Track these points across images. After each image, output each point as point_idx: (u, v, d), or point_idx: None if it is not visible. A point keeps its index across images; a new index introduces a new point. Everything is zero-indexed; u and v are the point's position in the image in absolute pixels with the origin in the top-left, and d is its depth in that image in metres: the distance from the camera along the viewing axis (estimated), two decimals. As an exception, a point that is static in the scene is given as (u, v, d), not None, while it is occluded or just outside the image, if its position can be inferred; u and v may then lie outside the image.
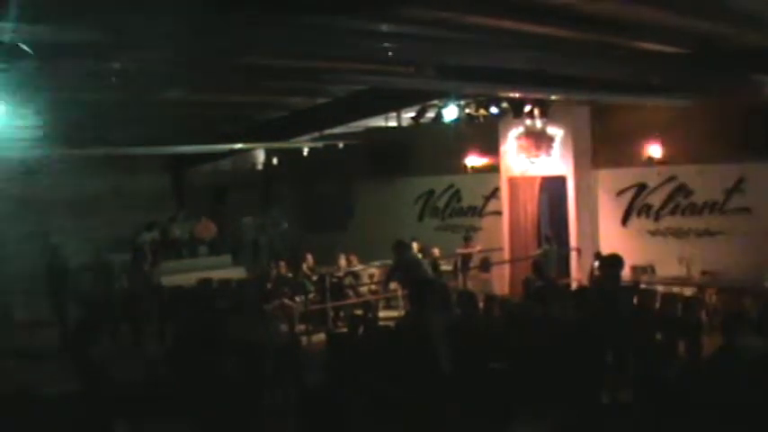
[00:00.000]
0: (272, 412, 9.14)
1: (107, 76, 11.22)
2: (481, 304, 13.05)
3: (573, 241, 18.16)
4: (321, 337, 14.78)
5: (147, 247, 21.01)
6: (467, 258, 19.39)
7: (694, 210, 16.68)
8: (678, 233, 16.92)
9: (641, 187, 17.44)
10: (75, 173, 20.93)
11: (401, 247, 15.47)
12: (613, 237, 17.47)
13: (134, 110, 16.36)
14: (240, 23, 7.94)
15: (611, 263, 11.15)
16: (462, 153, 20.72)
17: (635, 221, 17.58)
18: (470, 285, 17.86)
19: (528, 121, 17.74)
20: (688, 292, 15.31)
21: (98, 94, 13.89)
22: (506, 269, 19.08)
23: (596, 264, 15.43)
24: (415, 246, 17.49)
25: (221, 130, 20.41)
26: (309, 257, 19.10)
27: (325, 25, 8.54)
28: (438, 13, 8.65)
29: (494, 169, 19.77)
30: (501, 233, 19.57)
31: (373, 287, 18.68)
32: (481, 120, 17.06)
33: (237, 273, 20.88)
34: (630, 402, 8.38)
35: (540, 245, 18.43)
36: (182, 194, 24.89)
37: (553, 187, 19.03)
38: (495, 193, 20.17)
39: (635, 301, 13.39)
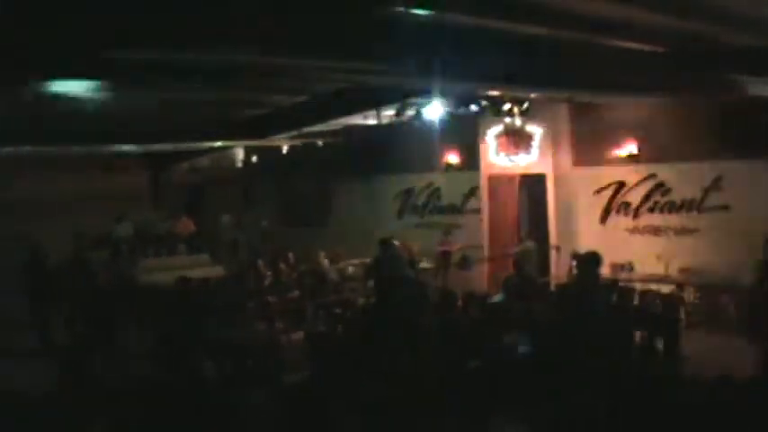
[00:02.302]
0: (250, 411, 9.12)
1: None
2: (460, 302, 13.09)
3: (552, 239, 18.22)
4: (300, 335, 14.75)
5: (124, 244, 20.97)
6: (446, 256, 19.39)
7: (672, 208, 16.71)
8: (656, 231, 16.96)
9: (620, 185, 17.48)
10: (51, 171, 20.86)
11: (383, 245, 15.54)
12: (592, 235, 17.51)
13: (113, 108, 16.30)
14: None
15: (589, 260, 11.18)
16: (442, 151, 20.75)
17: (614, 219, 17.63)
18: (450, 283, 17.86)
19: (507, 120, 17.72)
20: (666, 289, 15.37)
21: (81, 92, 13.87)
22: (486, 267, 19.10)
23: (574, 263, 15.49)
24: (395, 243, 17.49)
25: (200, 128, 20.35)
26: (289, 255, 19.07)
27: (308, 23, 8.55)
28: (419, 11, 8.65)
29: (473, 167, 19.79)
30: (480, 231, 19.61)
31: (353, 285, 18.67)
32: (461, 118, 17.06)
33: (216, 271, 20.85)
34: (607, 401, 8.39)
35: (519, 242, 18.46)
36: (160, 192, 24.85)
37: (532, 185, 19.08)
38: (474, 191, 20.20)
39: (614, 298, 13.44)
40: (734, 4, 9.49)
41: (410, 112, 16.87)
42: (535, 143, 18.15)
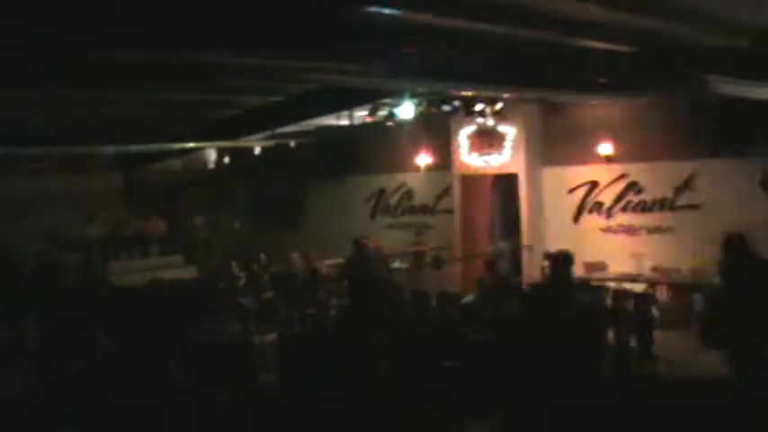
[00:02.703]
0: (222, 412, 9.10)
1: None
2: (434, 302, 13.10)
3: (525, 239, 18.23)
4: (273, 336, 14.71)
5: (96, 246, 20.84)
6: (419, 256, 19.40)
7: (645, 207, 16.82)
8: (629, 230, 17.05)
9: (592, 185, 17.56)
10: (24, 172, 20.73)
11: (356, 246, 15.56)
12: (565, 234, 17.54)
13: (84, 108, 16.22)
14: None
15: (561, 259, 11.19)
16: (414, 151, 20.75)
17: (587, 218, 17.69)
18: (423, 283, 17.85)
19: (480, 119, 17.74)
20: (639, 288, 15.43)
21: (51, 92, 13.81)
22: (459, 267, 19.11)
23: (546, 263, 15.51)
24: (368, 244, 17.48)
25: (172, 129, 20.26)
26: (262, 256, 19.02)
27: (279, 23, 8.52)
28: (391, 11, 8.64)
29: (446, 167, 19.80)
30: (453, 231, 19.62)
31: (326, 285, 18.62)
32: (433, 118, 17.06)
33: (189, 272, 20.76)
34: (582, 400, 8.41)
35: (492, 242, 18.49)
36: (132, 193, 24.73)
37: (505, 185, 19.09)
38: (447, 191, 20.21)
39: (586, 297, 13.48)
40: (704, 5, 9.55)
41: (382, 113, 16.87)
42: (508, 143, 18.20)
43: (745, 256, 8.67)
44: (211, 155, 26.30)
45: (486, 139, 18.41)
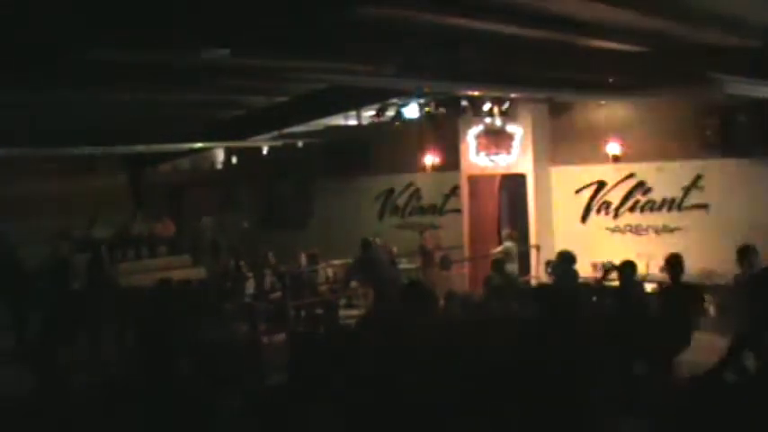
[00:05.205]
0: (232, 413, 9.10)
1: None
2: (442, 302, 13.08)
3: (532, 239, 18.20)
4: (282, 336, 14.71)
5: (104, 246, 20.85)
6: (427, 256, 19.36)
7: (653, 207, 16.78)
8: (637, 230, 17.02)
9: (600, 184, 17.52)
10: (31, 172, 20.75)
11: (366, 246, 15.54)
12: (573, 234, 17.52)
13: (91, 109, 16.24)
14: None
15: (564, 260, 11.19)
16: (422, 151, 20.75)
17: (594, 219, 17.66)
18: (431, 283, 17.80)
19: (487, 120, 17.74)
20: (648, 288, 15.39)
21: (55, 92, 13.82)
22: (466, 267, 19.09)
23: (549, 269, 15.53)
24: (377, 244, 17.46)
25: (179, 130, 20.28)
26: (270, 256, 19.02)
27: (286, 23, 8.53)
28: (397, 11, 8.64)
29: (454, 167, 19.78)
30: (461, 231, 19.60)
31: (334, 286, 18.62)
32: (441, 118, 17.05)
33: (197, 272, 20.75)
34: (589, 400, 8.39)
35: (500, 242, 18.46)
36: (140, 194, 24.75)
37: (513, 185, 19.08)
38: (455, 191, 20.19)
39: (593, 297, 13.45)
40: (715, 5, 9.53)
41: (390, 113, 16.87)
42: (515, 143, 18.18)
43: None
44: (219, 155, 26.34)
45: (494, 140, 18.40)
